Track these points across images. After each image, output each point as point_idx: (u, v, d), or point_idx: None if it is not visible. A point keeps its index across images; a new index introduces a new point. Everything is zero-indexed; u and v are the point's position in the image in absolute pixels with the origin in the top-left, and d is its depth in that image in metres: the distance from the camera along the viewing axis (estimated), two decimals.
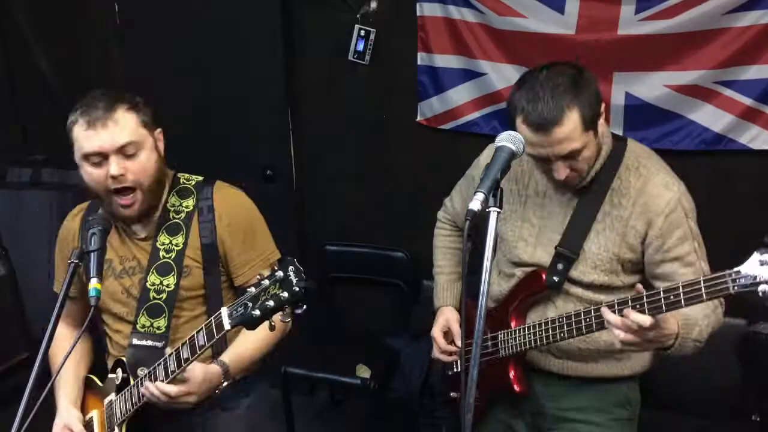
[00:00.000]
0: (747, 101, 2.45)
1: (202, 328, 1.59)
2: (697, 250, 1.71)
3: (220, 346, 1.79)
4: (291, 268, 1.42)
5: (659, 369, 1.90)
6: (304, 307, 1.43)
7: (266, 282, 1.43)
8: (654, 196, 1.70)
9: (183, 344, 1.63)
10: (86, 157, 1.68)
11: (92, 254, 1.58)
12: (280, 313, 1.44)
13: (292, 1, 3.05)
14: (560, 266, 1.79)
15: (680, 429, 2.54)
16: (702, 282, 1.42)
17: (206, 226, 1.80)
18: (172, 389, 1.64)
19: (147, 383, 1.67)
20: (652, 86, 2.54)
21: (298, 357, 3.04)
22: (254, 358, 1.82)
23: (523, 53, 2.70)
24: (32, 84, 3.62)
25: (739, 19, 2.38)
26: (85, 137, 1.66)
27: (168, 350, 1.68)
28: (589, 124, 1.63)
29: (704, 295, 1.42)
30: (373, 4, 2.94)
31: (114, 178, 1.66)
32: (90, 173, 1.69)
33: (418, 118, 3.01)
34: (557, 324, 1.74)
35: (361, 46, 2.97)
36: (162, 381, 1.65)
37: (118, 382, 1.80)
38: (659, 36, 2.48)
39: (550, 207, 1.84)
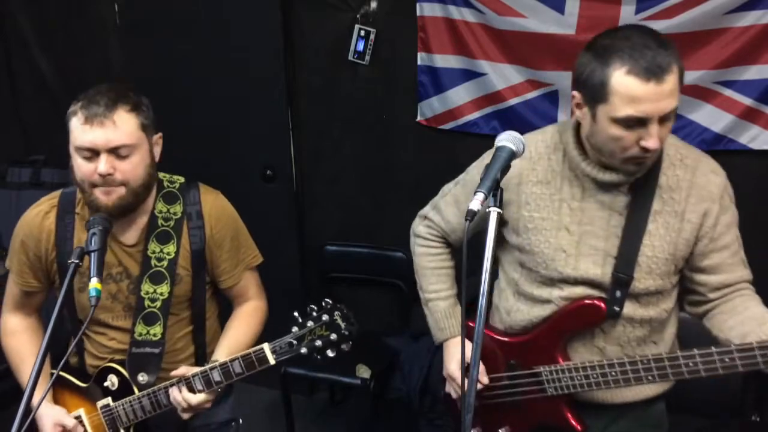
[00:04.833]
0: (747, 101, 2.45)
1: (238, 358, 1.69)
2: (739, 239, 1.67)
3: (200, 338, 1.93)
4: (337, 313, 1.62)
5: None
6: (350, 343, 1.63)
7: (311, 323, 1.62)
8: (705, 184, 1.62)
9: (212, 368, 1.72)
10: (78, 149, 1.68)
11: (92, 254, 1.58)
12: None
13: (292, 1, 3.05)
14: (618, 293, 1.63)
15: (680, 429, 2.54)
16: None
17: (196, 232, 1.84)
18: (200, 398, 1.74)
19: (178, 394, 1.74)
20: None
21: (298, 357, 3.04)
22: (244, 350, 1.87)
23: (523, 53, 2.69)
24: (32, 84, 3.62)
25: (739, 19, 2.38)
26: (81, 131, 1.66)
27: (185, 369, 1.75)
28: (681, 85, 1.50)
29: None
30: (373, 4, 2.94)
31: (101, 176, 1.66)
32: (79, 165, 1.69)
33: (418, 118, 3.01)
34: (629, 368, 1.60)
35: (361, 46, 2.97)
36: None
37: (114, 388, 1.83)
38: None
39: (589, 210, 1.66)
